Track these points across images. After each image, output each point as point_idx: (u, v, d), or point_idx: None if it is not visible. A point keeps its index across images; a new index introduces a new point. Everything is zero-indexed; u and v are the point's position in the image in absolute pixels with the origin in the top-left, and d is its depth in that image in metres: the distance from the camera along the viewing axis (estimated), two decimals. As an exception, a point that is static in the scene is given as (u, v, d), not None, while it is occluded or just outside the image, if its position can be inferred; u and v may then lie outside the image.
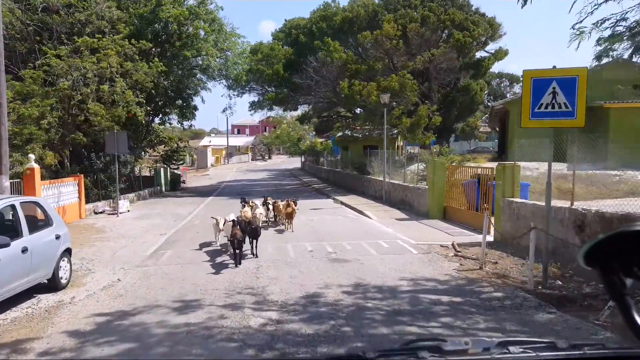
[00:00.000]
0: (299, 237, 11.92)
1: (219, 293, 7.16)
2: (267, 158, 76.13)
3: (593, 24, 7.95)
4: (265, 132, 79.11)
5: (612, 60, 11.48)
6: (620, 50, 8.83)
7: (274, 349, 4.91)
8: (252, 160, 73.22)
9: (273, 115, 60.27)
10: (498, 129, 36.77)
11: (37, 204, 7.80)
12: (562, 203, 9.87)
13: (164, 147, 31.37)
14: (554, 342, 1.28)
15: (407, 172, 19.20)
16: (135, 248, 11.31)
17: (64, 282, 7.81)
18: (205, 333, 5.46)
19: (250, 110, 39.55)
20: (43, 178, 15.55)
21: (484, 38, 27.58)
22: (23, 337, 5.60)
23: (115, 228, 14.60)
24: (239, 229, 9.22)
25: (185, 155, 42.56)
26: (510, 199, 10.64)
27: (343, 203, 19.90)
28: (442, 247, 10.49)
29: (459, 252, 9.90)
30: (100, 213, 18.30)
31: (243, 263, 9.09)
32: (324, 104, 28.70)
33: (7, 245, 6.21)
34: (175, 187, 29.67)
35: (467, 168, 14.63)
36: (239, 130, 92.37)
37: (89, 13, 18.97)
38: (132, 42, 19.24)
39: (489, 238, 10.84)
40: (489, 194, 12.09)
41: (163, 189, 27.80)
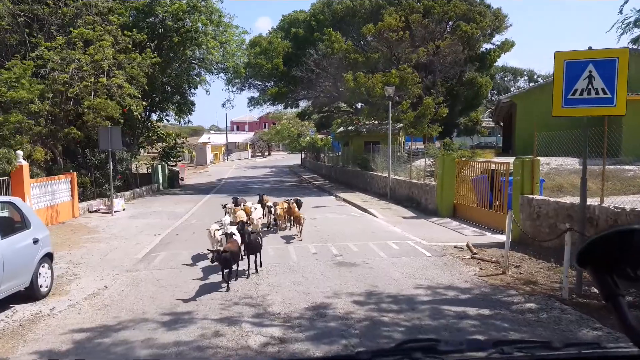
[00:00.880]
0: (302, 237, 11.15)
1: (214, 303, 6.40)
2: (266, 155, 75.24)
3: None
4: (265, 128, 78.17)
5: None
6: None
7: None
8: (251, 157, 72.37)
9: (273, 112, 59.50)
10: (502, 124, 36.01)
11: (11, 205, 7.03)
12: (576, 200, 9.12)
13: (162, 143, 30.66)
14: (549, 341, 1.27)
15: (412, 168, 18.43)
16: (128, 250, 10.57)
17: (45, 290, 7.05)
18: (197, 355, 4.71)
19: (249, 107, 38.85)
20: (35, 175, 14.79)
21: (490, 30, 26.76)
22: (-13, 359, 4.86)
23: (109, 228, 13.86)
24: (234, 242, 7.59)
25: (184, 152, 41.85)
26: (530, 196, 9.87)
27: (346, 200, 19.14)
28: (456, 248, 9.74)
29: (476, 254, 9.14)
30: (95, 212, 17.57)
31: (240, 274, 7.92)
32: (325, 99, 27.91)
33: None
34: (174, 184, 28.98)
35: (478, 163, 13.85)
36: (238, 127, 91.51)
37: (81, 3, 18.17)
38: (125, 33, 18.43)
39: (505, 238, 10.11)
40: (504, 191, 11.35)
41: (161, 187, 27.07)
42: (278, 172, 42.91)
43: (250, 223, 9.33)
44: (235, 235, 8.01)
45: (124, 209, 17.80)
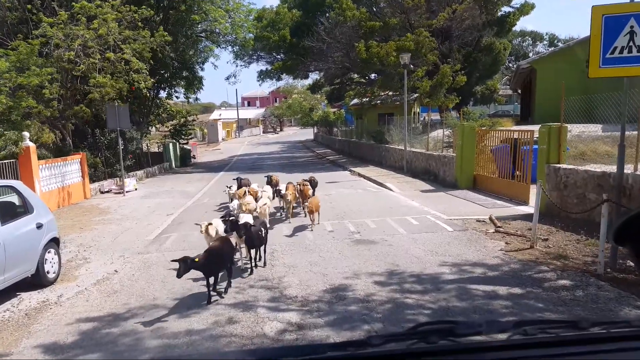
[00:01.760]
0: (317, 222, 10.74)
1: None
2: (278, 130, 74.58)
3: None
4: (276, 103, 77.25)
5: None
6: None
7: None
8: (263, 133, 71.84)
9: (283, 86, 58.53)
10: (521, 91, 34.78)
11: (12, 189, 6.73)
12: (607, 168, 8.55)
13: (173, 121, 30.28)
14: (575, 321, 1.20)
15: (429, 139, 17.80)
16: (139, 231, 10.34)
17: (52, 276, 6.82)
18: (210, 345, 4.40)
19: (259, 80, 38.02)
20: (43, 157, 14.59)
21: (509, -9, 25.43)
22: (-9, 352, 4.63)
23: (120, 209, 13.68)
24: (222, 241, 6.03)
25: (195, 130, 41.48)
26: (557, 165, 9.30)
27: (361, 175, 18.68)
28: (478, 221, 9.27)
29: (500, 227, 8.68)
30: (107, 192, 17.43)
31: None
32: (337, 70, 27.04)
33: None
34: (185, 162, 28.76)
35: (499, 132, 13.20)
36: (249, 103, 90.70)
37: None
38: (132, 8, 17.80)
39: (530, 210, 9.61)
40: (526, 160, 10.77)
41: (172, 165, 26.89)
42: (290, 147, 42.44)
43: (250, 211, 8.11)
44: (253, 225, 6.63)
45: (136, 189, 17.62)
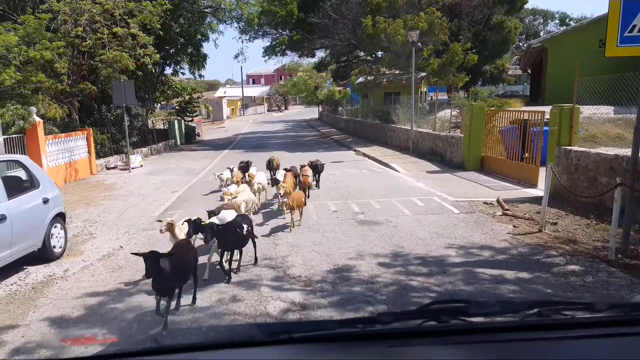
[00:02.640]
0: (320, 194, 10.72)
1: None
2: (283, 109, 74.13)
3: None
4: (281, 81, 76.53)
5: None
6: None
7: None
8: (268, 112, 71.43)
9: (288, 63, 57.86)
10: (531, 71, 34.18)
11: (18, 163, 6.70)
12: (620, 151, 8.39)
13: (178, 98, 30.11)
14: (592, 303, 1.16)
15: (436, 119, 17.58)
16: (144, 208, 10.36)
17: (58, 251, 6.85)
18: (214, 323, 4.40)
19: (264, 57, 37.47)
20: (50, 132, 14.55)
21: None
22: (-2, 325, 4.66)
23: (126, 185, 13.70)
24: (186, 247, 4.87)
25: (200, 107, 41.25)
26: (568, 148, 9.14)
27: (366, 155, 18.54)
28: (485, 204, 9.18)
29: (508, 210, 8.59)
30: (112, 168, 17.46)
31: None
32: (343, 47, 26.65)
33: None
34: (190, 140, 28.70)
35: (508, 113, 12.98)
36: (254, 80, 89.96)
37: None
38: None
39: (539, 192, 9.51)
40: (535, 142, 10.60)
41: (178, 142, 26.84)
42: (295, 126, 42.19)
43: (236, 205, 7.02)
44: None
45: (142, 166, 17.63)
